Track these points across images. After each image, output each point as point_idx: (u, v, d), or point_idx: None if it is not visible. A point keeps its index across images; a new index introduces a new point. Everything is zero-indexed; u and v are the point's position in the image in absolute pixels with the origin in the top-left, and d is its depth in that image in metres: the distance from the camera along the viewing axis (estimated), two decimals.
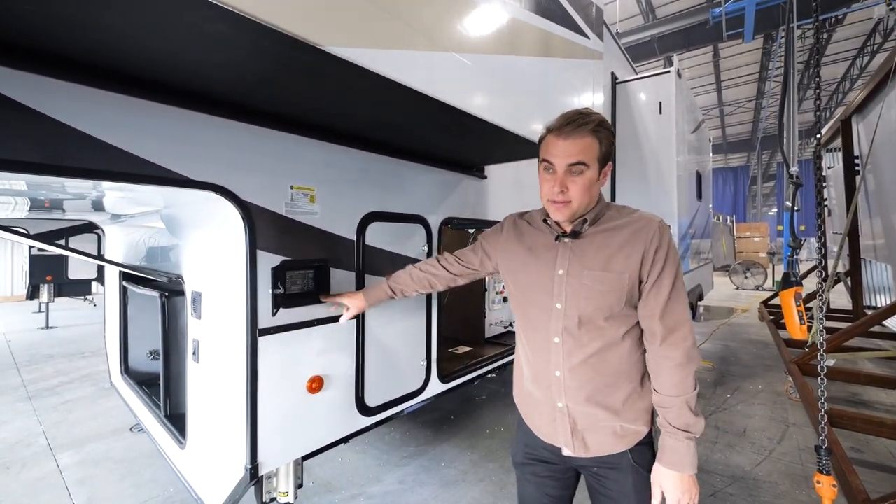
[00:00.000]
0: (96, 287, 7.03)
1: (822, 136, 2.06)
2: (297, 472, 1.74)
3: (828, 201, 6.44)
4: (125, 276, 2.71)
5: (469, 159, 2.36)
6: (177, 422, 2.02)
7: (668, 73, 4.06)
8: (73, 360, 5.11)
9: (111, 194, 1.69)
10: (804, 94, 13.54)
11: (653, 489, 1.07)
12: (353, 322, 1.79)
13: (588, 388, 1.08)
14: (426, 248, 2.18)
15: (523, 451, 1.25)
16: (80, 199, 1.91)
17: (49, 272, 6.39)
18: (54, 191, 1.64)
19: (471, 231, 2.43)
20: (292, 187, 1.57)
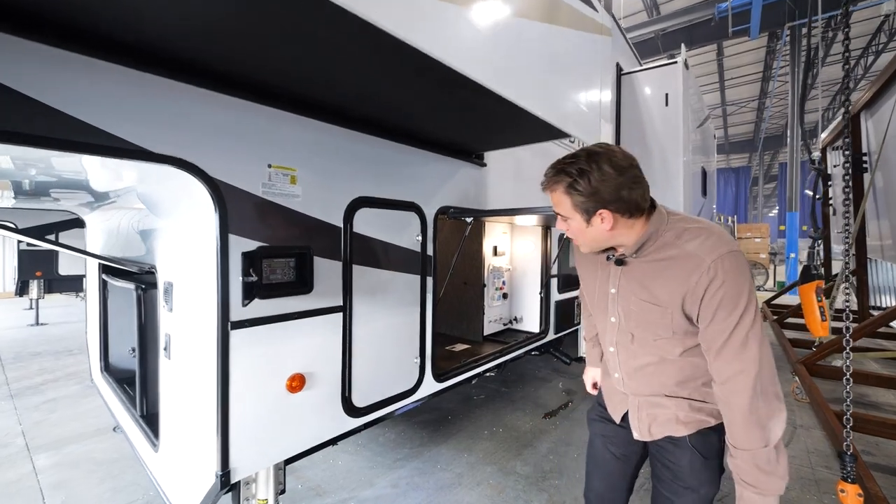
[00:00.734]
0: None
1: (849, 111, 1.90)
2: (279, 477, 1.62)
3: (832, 200, 6.33)
4: (104, 268, 2.58)
5: (467, 143, 2.23)
6: (152, 422, 1.88)
7: (675, 63, 3.93)
8: (59, 358, 4.98)
9: (64, 165, 1.52)
10: (810, 94, 13.41)
11: None
12: (338, 316, 1.66)
13: (650, 388, 1.12)
14: (420, 238, 2.04)
15: (597, 410, 1.35)
16: (47, 177, 1.76)
17: (38, 268, 6.24)
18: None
19: (468, 220, 2.29)
20: (270, 166, 1.43)
